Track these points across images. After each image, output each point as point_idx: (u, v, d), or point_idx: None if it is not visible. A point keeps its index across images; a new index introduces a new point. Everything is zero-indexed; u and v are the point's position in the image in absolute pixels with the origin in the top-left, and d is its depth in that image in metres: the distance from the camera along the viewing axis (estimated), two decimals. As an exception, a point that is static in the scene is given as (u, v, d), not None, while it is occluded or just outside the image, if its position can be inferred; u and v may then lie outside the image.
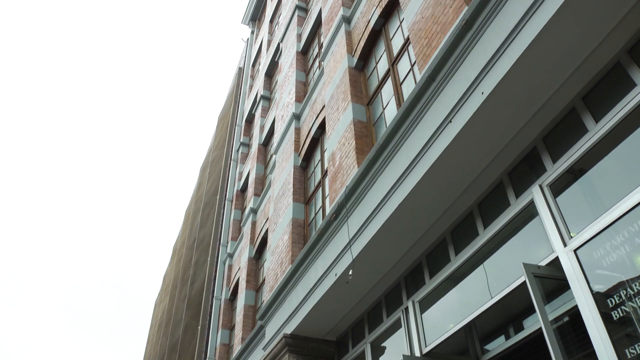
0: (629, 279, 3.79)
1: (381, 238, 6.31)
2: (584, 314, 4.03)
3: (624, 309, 3.75)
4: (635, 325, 3.66)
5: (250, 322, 12.84)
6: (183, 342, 20.53)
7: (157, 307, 39.77)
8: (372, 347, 7.57)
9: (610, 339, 3.78)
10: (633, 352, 3.63)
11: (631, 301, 3.71)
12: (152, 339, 36.06)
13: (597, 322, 3.89)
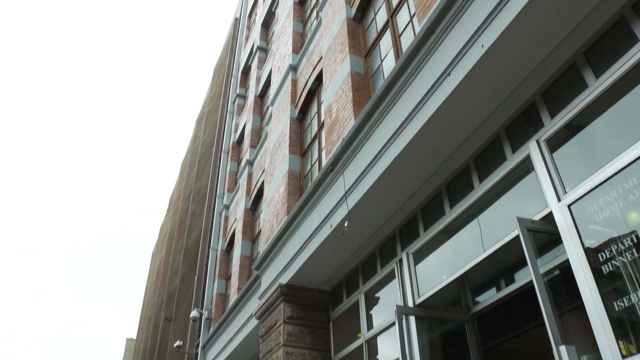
0: (620, 235, 3.83)
1: (377, 190, 6.34)
2: (575, 267, 4.09)
3: (613, 263, 3.81)
4: (624, 279, 3.72)
5: (246, 272, 13.03)
6: (180, 291, 20.87)
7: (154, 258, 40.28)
8: (366, 297, 7.71)
9: (599, 292, 3.85)
10: (621, 305, 3.70)
11: (621, 256, 3.76)
12: (150, 288, 36.65)
13: (587, 276, 3.96)
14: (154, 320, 28.14)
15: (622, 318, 3.73)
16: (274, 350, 8.30)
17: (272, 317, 8.70)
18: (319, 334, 8.39)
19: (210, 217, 18.09)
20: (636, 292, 3.60)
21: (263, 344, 8.91)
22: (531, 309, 6.48)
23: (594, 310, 3.83)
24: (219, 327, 13.22)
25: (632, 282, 3.65)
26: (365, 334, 7.45)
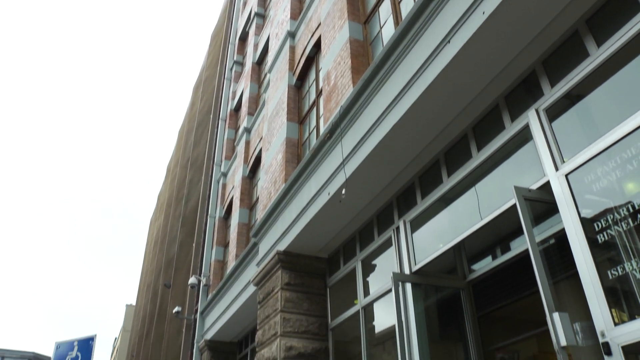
0: (616, 205, 3.85)
1: (375, 158, 6.33)
2: (571, 237, 4.12)
3: (609, 232, 3.83)
4: (618, 249, 3.76)
5: (244, 239, 13.11)
6: (178, 258, 21.03)
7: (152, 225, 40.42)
8: (362, 264, 7.79)
9: (594, 261, 3.89)
10: (615, 273, 3.75)
11: (617, 225, 3.79)
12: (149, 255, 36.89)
13: (583, 245, 3.99)
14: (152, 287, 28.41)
15: (616, 287, 3.77)
16: (272, 316, 8.42)
17: (270, 284, 8.80)
18: (316, 300, 8.50)
19: (208, 184, 18.11)
20: (630, 261, 3.64)
21: (261, 310, 9.03)
22: (526, 277, 6.55)
23: (588, 278, 3.88)
24: (217, 294, 13.37)
25: (626, 251, 3.69)
26: (361, 300, 7.54)
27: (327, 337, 8.30)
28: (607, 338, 3.61)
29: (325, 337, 8.29)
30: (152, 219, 41.61)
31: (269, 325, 8.47)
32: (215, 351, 13.88)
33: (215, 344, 13.93)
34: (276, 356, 7.89)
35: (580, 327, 3.87)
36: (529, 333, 7.92)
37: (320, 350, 8.12)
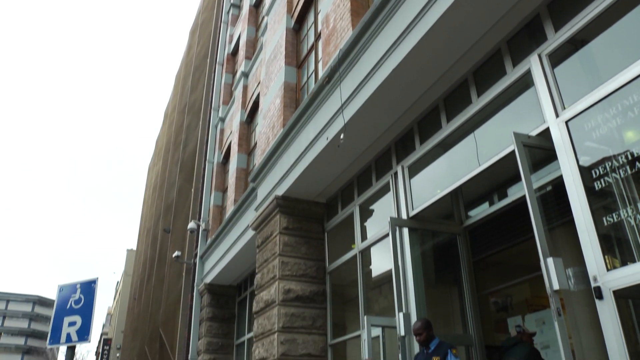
0: (614, 152, 3.84)
1: (374, 103, 6.27)
2: (568, 184, 4.13)
3: (606, 180, 3.85)
4: (615, 196, 3.78)
5: (243, 184, 13.15)
6: (177, 203, 21.15)
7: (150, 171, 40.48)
8: (360, 209, 7.85)
9: (590, 208, 3.91)
10: (610, 220, 3.78)
11: (614, 173, 3.79)
12: (148, 201, 37.12)
13: (579, 192, 4.00)
14: (152, 232, 28.72)
15: (610, 234, 3.82)
16: (270, 259, 8.55)
17: (268, 228, 8.89)
18: (314, 245, 8.61)
19: (205, 129, 18.01)
20: (626, 208, 3.67)
21: (259, 254, 9.16)
22: (522, 224, 6.61)
23: (583, 225, 3.91)
24: (216, 238, 13.53)
25: (622, 198, 3.71)
26: (359, 244, 7.64)
27: (324, 280, 8.46)
28: (599, 283, 3.67)
29: (322, 280, 8.44)
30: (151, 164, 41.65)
31: (267, 268, 8.62)
32: (215, 294, 14.18)
33: (215, 287, 14.22)
34: (275, 299, 8.06)
35: (572, 273, 3.94)
36: (522, 278, 8.07)
37: (318, 293, 8.29)
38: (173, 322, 17.35)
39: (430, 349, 5.04)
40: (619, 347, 3.45)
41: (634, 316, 3.70)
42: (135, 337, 28.32)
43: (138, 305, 30.43)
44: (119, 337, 45.85)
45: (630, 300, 3.68)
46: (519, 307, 8.27)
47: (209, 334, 13.72)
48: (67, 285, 5.82)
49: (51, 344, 5.59)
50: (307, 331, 7.98)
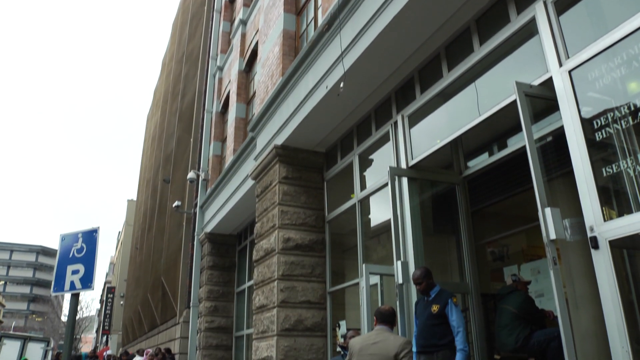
0: (617, 103, 3.80)
1: (374, 51, 6.16)
2: (569, 134, 4.10)
3: (607, 130, 3.82)
4: (615, 147, 3.76)
5: (242, 134, 13.10)
6: (176, 154, 21.13)
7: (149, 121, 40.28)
8: (360, 158, 7.84)
9: (589, 159, 3.90)
10: (609, 171, 3.78)
11: (616, 124, 3.76)
12: (147, 151, 37.09)
13: (580, 142, 3.98)
14: (152, 182, 28.82)
15: (608, 186, 3.82)
16: (270, 209, 8.60)
17: (268, 178, 8.91)
18: (313, 194, 8.65)
19: (203, 79, 17.79)
20: (626, 159, 3.66)
21: (259, 203, 9.21)
22: (520, 175, 6.62)
23: (582, 175, 3.91)
24: (216, 188, 13.58)
25: (622, 149, 3.69)
26: (358, 194, 7.67)
27: (324, 229, 8.54)
28: (595, 233, 3.71)
29: (322, 229, 8.52)
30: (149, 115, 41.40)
31: (267, 217, 8.68)
32: (215, 243, 14.36)
33: (215, 236, 14.37)
34: (274, 247, 8.16)
35: (569, 223, 3.98)
36: (519, 228, 8.15)
37: (317, 242, 8.39)
38: (174, 270, 17.64)
39: (430, 296, 5.08)
40: (613, 295, 3.51)
41: (628, 266, 3.75)
42: (138, 286, 28.86)
43: (140, 254, 30.87)
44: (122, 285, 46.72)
45: (625, 250, 3.73)
46: (515, 257, 8.39)
47: (209, 282, 13.97)
48: (69, 234, 5.86)
49: (55, 292, 5.68)
50: (306, 279, 8.12)
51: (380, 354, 4.41)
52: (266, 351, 7.87)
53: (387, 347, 4.42)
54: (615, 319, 3.46)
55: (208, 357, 13.41)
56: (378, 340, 4.52)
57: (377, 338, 4.54)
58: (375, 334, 4.60)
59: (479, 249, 7.28)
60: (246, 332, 12.69)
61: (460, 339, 4.74)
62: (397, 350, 4.38)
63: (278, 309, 7.78)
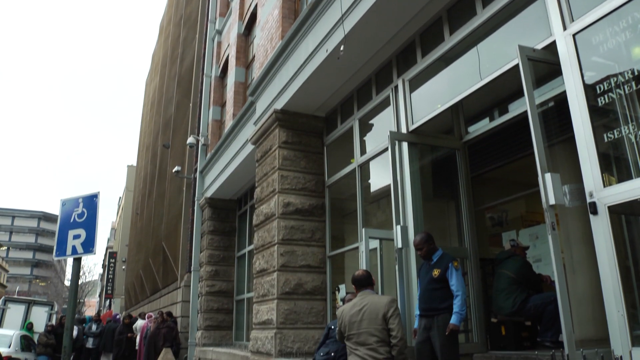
0: (620, 67, 3.76)
1: (375, 13, 6.05)
2: (571, 98, 4.07)
3: (610, 95, 3.79)
4: (617, 112, 3.74)
5: (241, 98, 13.01)
6: (176, 119, 21.02)
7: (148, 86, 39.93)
8: (360, 123, 7.80)
9: (591, 124, 3.87)
10: (610, 136, 3.76)
11: (619, 89, 3.73)
12: (146, 116, 36.89)
13: (582, 107, 3.95)
14: (152, 148, 28.75)
15: (609, 153, 3.81)
16: (270, 173, 8.60)
17: (268, 142, 8.88)
18: (313, 159, 8.63)
19: (202, 43, 17.56)
20: (627, 124, 3.63)
21: (259, 168, 9.21)
22: (521, 140, 6.61)
23: (583, 140, 3.89)
24: (216, 153, 13.56)
25: (624, 115, 3.67)
26: (358, 159, 7.66)
27: (323, 194, 8.55)
28: (595, 198, 3.71)
29: (322, 194, 8.54)
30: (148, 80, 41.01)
31: (267, 182, 8.69)
32: (216, 208, 14.41)
33: (216, 201, 14.42)
34: (274, 212, 8.19)
35: (569, 189, 3.98)
36: (518, 194, 8.17)
37: (317, 207, 8.42)
38: (175, 235, 17.77)
39: (432, 260, 5.10)
40: (610, 260, 3.54)
41: (626, 232, 3.77)
42: (140, 251, 29.10)
43: (140, 219, 31.03)
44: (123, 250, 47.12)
45: (623, 216, 3.74)
46: (514, 223, 8.44)
47: (210, 246, 14.08)
48: (69, 199, 5.88)
49: (57, 256, 5.73)
50: (306, 243, 8.18)
51: (369, 319, 4.48)
52: (267, 314, 7.99)
53: (376, 309, 4.49)
54: (612, 283, 3.50)
55: (209, 321, 13.62)
56: (363, 304, 4.58)
57: (363, 302, 4.60)
58: (359, 300, 4.66)
59: (478, 214, 7.31)
60: (247, 296, 12.86)
61: (458, 302, 4.76)
62: (384, 310, 4.45)
63: (278, 273, 7.86)
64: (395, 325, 4.39)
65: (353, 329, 4.51)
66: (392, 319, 4.41)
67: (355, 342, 4.47)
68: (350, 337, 4.54)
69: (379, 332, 4.39)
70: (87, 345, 15.33)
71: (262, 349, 7.92)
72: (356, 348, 4.46)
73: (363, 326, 4.46)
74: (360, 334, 4.45)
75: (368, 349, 4.38)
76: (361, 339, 4.44)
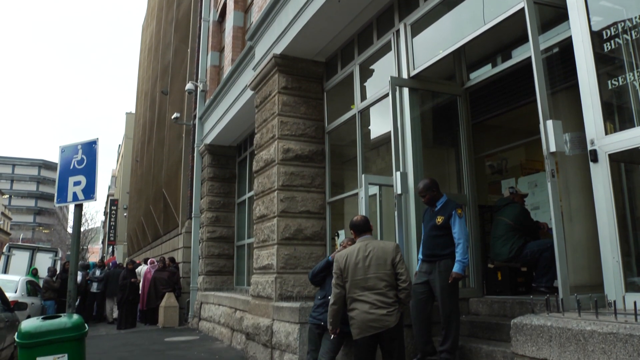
0: (629, 13, 3.67)
1: (377, -45, 5.87)
2: (577, 44, 3.98)
3: (616, 41, 3.71)
4: (623, 58, 3.67)
5: (240, 43, 12.79)
6: (174, 64, 20.74)
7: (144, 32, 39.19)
8: (360, 68, 7.69)
9: (595, 70, 3.81)
10: (615, 83, 3.71)
11: (626, 34, 3.65)
12: (144, 63, 36.37)
13: (587, 54, 3.87)
14: (150, 94, 28.51)
15: (612, 101, 3.77)
16: (269, 119, 8.55)
17: (267, 88, 8.78)
18: (313, 104, 8.55)
19: (199, -15, 17.11)
20: (632, 71, 3.58)
21: (258, 114, 9.14)
22: (523, 87, 6.54)
23: (587, 87, 3.83)
24: (215, 99, 13.44)
25: (630, 62, 3.61)
26: (358, 105, 7.59)
27: (323, 140, 8.52)
28: (595, 146, 3.69)
29: (321, 140, 8.51)
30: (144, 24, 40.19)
31: (266, 128, 8.65)
32: (215, 154, 14.40)
33: (215, 147, 14.39)
34: (274, 158, 8.19)
35: (570, 137, 3.96)
36: (518, 142, 8.17)
37: (317, 153, 8.41)
38: (175, 182, 17.85)
39: (436, 207, 5.11)
40: (608, 208, 3.56)
41: (624, 180, 3.77)
42: (140, 198, 29.31)
43: (140, 167, 31.11)
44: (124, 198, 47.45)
45: (623, 164, 3.73)
46: (513, 170, 8.47)
47: (210, 193, 14.16)
48: (68, 146, 5.86)
49: (59, 203, 5.76)
50: (306, 189, 8.21)
51: (377, 264, 4.51)
52: (267, 259, 8.11)
53: (383, 255, 4.53)
54: (609, 230, 3.53)
55: (210, 266, 13.85)
56: (369, 250, 4.60)
57: (368, 248, 4.61)
58: (363, 246, 4.65)
59: (478, 161, 7.32)
60: (247, 242, 13.03)
61: (460, 250, 4.81)
62: (392, 255, 4.50)
63: (278, 219, 7.93)
64: (403, 270, 4.46)
65: (358, 275, 4.53)
66: (399, 264, 4.47)
67: (362, 287, 4.49)
68: (354, 283, 4.56)
69: (388, 277, 4.44)
70: (91, 289, 15.65)
71: (263, 293, 8.09)
72: (362, 294, 4.48)
73: (371, 271, 4.49)
74: (368, 279, 4.49)
75: (376, 293, 4.43)
76: (369, 284, 4.47)
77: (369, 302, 4.43)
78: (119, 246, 49.97)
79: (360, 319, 4.45)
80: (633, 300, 3.16)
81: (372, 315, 4.39)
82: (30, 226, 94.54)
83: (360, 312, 4.46)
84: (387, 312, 4.36)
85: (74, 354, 4.45)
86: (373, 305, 4.40)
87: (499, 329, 4.95)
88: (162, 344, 10.78)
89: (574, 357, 2.94)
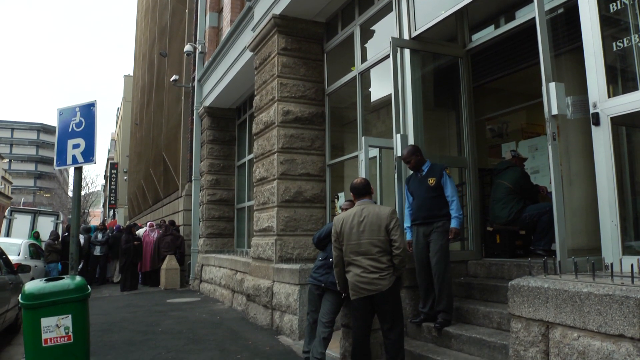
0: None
1: None
2: (582, 4, 3.90)
3: (622, 1, 3.64)
4: (628, 19, 3.61)
5: (239, 3, 12.56)
6: (172, 26, 20.41)
7: (141, -10, 38.41)
8: (361, 29, 7.57)
9: (600, 32, 3.74)
10: (620, 45, 3.66)
11: (632, -6, 3.57)
12: (141, 24, 35.78)
13: (593, 14, 3.80)
14: (148, 56, 28.14)
15: (616, 65, 3.72)
16: (269, 81, 8.47)
17: (266, 49, 8.67)
18: (313, 66, 8.46)
19: (197, -57, 16.70)
20: (638, 33, 3.52)
21: (258, 76, 9.05)
22: (526, 49, 6.45)
23: (591, 49, 3.77)
24: (214, 61, 13.28)
25: (635, 24, 3.55)
26: (358, 66, 7.51)
27: (323, 102, 8.46)
28: (597, 109, 3.66)
29: (321, 102, 8.45)
30: (141, -17, 39.37)
31: (266, 90, 8.58)
32: (215, 117, 14.32)
33: (214, 110, 14.30)
34: (274, 120, 8.14)
35: (571, 101, 3.92)
36: (519, 105, 8.10)
37: (317, 115, 8.36)
38: (175, 145, 17.79)
39: (423, 171, 5.19)
40: (608, 171, 3.55)
41: (625, 144, 3.75)
42: (140, 161, 29.27)
43: (140, 130, 30.96)
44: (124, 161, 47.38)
45: (625, 127, 3.71)
46: (514, 134, 8.43)
47: (210, 156, 14.14)
48: (66, 108, 5.81)
49: (58, 166, 5.74)
50: (305, 152, 8.20)
51: (371, 230, 4.51)
52: (267, 221, 8.15)
53: (378, 220, 4.53)
54: (608, 194, 3.53)
55: (211, 228, 13.94)
56: (364, 215, 4.60)
57: (363, 214, 4.61)
58: (359, 211, 4.66)
59: (479, 125, 7.27)
60: (247, 204, 13.08)
61: (454, 207, 4.95)
62: (387, 222, 4.51)
63: (278, 181, 7.94)
64: (397, 236, 4.47)
65: (352, 239, 4.55)
66: (394, 230, 4.48)
67: (356, 252, 4.52)
68: (349, 247, 4.59)
69: (382, 242, 4.46)
70: (94, 252, 15.80)
71: (263, 255, 8.16)
72: (356, 258, 4.52)
73: (365, 237, 4.51)
74: (362, 244, 4.51)
75: (369, 258, 4.46)
76: (362, 249, 4.50)
77: (362, 267, 4.47)
78: (120, 209, 50.18)
79: (354, 281, 4.51)
80: (630, 263, 3.18)
81: (364, 279, 4.44)
82: (31, 190, 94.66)
83: (354, 275, 4.51)
84: (380, 276, 4.40)
85: (77, 315, 4.51)
86: (365, 269, 4.45)
87: (496, 291, 5.01)
88: (164, 305, 10.94)
89: (570, 318, 2.97)
